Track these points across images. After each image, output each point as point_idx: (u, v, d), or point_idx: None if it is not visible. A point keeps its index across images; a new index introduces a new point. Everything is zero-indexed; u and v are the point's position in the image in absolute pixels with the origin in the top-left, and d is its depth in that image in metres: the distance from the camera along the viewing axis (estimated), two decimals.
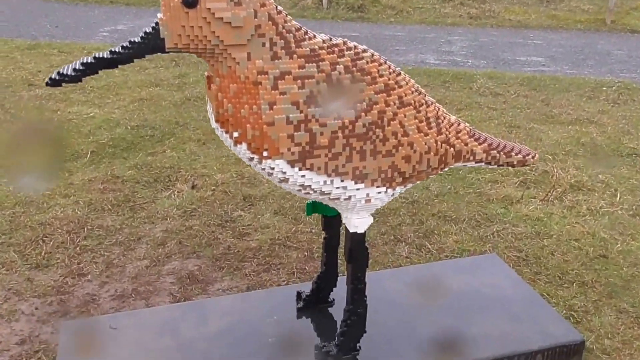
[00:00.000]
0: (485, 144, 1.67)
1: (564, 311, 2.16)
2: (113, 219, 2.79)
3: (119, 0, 8.75)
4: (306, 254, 2.49)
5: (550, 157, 3.58)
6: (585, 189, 3.19)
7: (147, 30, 1.26)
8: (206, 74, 1.40)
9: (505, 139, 3.88)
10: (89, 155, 3.54)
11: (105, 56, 1.24)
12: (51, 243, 2.54)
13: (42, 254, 2.46)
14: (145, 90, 4.73)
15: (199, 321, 1.83)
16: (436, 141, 1.55)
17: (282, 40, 1.34)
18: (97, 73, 1.25)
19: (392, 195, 1.53)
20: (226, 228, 2.72)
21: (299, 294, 1.90)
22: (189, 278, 2.30)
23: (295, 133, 1.35)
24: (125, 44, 1.26)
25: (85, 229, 2.68)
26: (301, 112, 1.35)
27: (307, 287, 1.93)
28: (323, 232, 1.77)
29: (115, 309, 2.12)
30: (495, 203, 3.02)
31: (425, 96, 1.56)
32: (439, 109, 1.60)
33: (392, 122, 1.44)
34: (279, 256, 2.48)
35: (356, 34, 7.27)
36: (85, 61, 1.23)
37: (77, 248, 2.52)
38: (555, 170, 3.38)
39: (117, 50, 1.25)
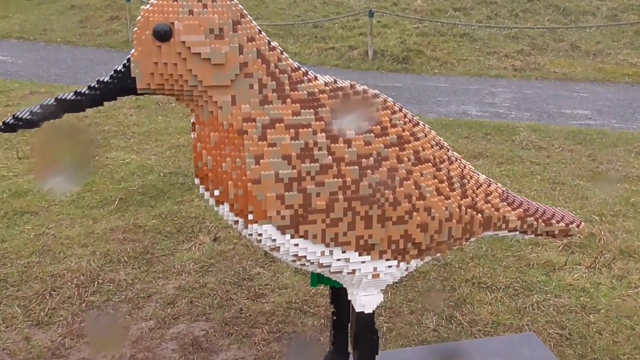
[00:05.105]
0: (521, 210, 1.40)
1: None
2: (127, 272, 2.68)
3: None
4: (322, 321, 2.28)
5: (597, 218, 3.29)
6: (637, 256, 2.88)
7: (118, 68, 1.09)
8: (192, 120, 1.21)
9: (549, 196, 3.62)
10: (116, 203, 3.48)
11: (68, 98, 1.08)
12: (58, 297, 2.43)
13: (46, 309, 2.35)
14: (184, 137, 4.70)
15: None
16: (460, 206, 1.29)
17: (273, 82, 1.14)
18: (59, 117, 1.08)
19: (406, 270, 1.30)
20: (242, 287, 2.55)
21: None
22: (192, 345, 2.13)
23: (286, 193, 1.13)
24: (93, 83, 1.10)
25: (96, 283, 2.57)
26: (293, 167, 1.13)
27: None
28: (331, 305, 1.57)
29: None
30: (536, 269, 2.76)
31: (448, 151, 1.33)
32: (464, 166, 1.36)
33: (405, 182, 1.21)
34: (293, 323, 2.28)
35: (399, 84, 7.18)
36: (44, 103, 1.07)
37: (83, 304, 2.40)
38: (603, 233, 3.08)
39: (82, 91, 1.09)
